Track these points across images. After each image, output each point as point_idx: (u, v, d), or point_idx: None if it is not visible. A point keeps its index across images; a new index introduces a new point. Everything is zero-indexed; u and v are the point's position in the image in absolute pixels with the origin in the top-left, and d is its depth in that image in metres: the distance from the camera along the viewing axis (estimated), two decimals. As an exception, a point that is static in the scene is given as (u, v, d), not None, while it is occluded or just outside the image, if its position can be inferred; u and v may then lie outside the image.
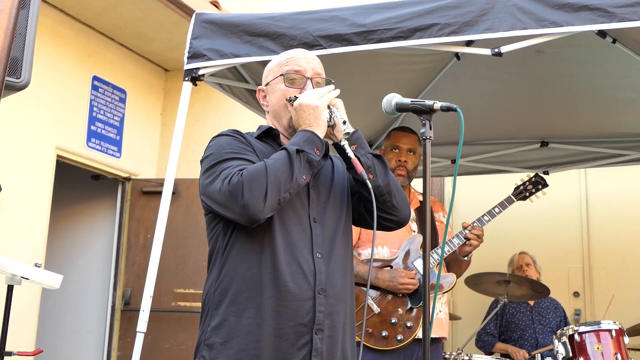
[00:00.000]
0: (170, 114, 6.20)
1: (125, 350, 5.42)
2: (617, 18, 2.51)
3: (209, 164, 1.83)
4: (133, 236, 5.69)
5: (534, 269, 4.74)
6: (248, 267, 1.77)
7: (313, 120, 1.84)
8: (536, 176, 3.68)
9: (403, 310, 3.09)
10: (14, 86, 2.04)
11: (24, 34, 2.05)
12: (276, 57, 2.04)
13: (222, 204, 1.76)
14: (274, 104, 1.96)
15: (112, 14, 5.31)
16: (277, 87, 1.94)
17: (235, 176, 1.72)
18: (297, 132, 1.85)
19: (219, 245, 1.83)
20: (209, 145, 1.89)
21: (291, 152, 1.76)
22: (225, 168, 1.77)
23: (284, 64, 1.97)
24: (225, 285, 1.78)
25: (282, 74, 1.94)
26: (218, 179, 1.76)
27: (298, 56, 1.98)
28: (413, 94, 3.99)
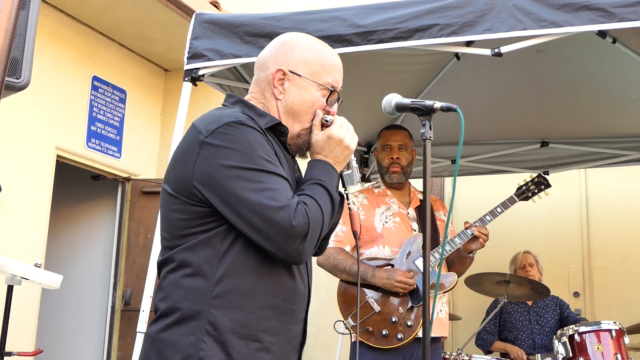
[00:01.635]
0: (170, 114, 6.20)
1: (125, 350, 5.42)
2: (617, 18, 2.51)
3: (242, 165, 1.57)
4: (133, 236, 5.69)
5: (537, 269, 4.74)
6: (257, 284, 1.60)
7: (342, 160, 1.75)
8: (539, 176, 3.68)
9: (404, 309, 3.09)
10: (14, 86, 2.04)
11: (24, 34, 2.05)
12: (313, 47, 1.79)
13: (266, 231, 1.55)
14: (297, 103, 1.74)
15: (112, 14, 5.31)
16: (309, 89, 1.75)
17: (300, 215, 1.56)
18: (327, 167, 1.72)
19: (211, 247, 1.60)
20: (227, 133, 1.59)
21: (335, 204, 1.68)
22: (273, 189, 1.57)
23: (328, 68, 1.78)
24: (226, 299, 1.57)
25: (324, 86, 1.76)
26: (273, 203, 1.55)
27: (338, 68, 1.81)
28: (413, 94, 3.99)
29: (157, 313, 1.64)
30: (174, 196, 1.64)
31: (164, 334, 1.59)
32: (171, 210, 1.65)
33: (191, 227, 1.61)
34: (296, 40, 1.80)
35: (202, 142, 1.59)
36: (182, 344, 1.55)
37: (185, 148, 1.65)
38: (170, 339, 1.57)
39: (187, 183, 1.60)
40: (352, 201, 1.87)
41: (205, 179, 1.58)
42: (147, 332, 1.67)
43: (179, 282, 1.60)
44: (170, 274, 1.63)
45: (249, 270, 1.61)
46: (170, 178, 1.68)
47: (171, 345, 1.57)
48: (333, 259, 3.15)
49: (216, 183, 1.57)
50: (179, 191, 1.63)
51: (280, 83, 1.75)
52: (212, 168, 1.58)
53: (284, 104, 1.75)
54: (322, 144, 1.74)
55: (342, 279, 3.21)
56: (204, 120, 1.67)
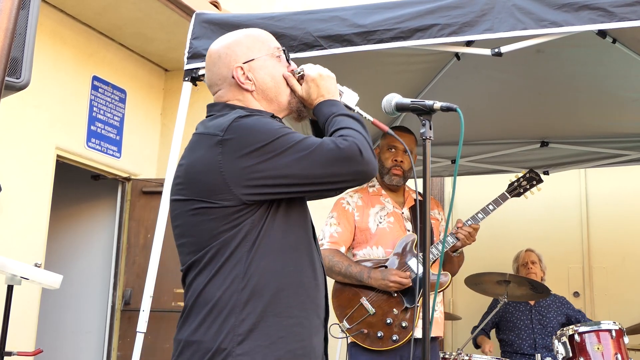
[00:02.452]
0: (170, 114, 6.20)
1: (125, 350, 5.42)
2: (617, 18, 2.50)
3: (267, 141, 1.63)
4: (133, 236, 5.69)
5: (539, 267, 4.74)
6: (284, 265, 1.69)
7: (334, 89, 1.85)
8: (530, 172, 3.64)
9: (398, 311, 3.09)
10: (14, 86, 2.04)
11: (24, 34, 2.05)
12: (241, 35, 1.90)
13: (328, 172, 1.63)
14: (268, 81, 1.83)
15: (112, 14, 5.31)
16: (268, 65, 1.84)
17: (343, 140, 1.65)
18: (331, 102, 1.82)
19: (241, 240, 1.66)
20: (240, 124, 1.67)
21: (358, 119, 1.78)
22: (301, 140, 1.65)
23: (265, 39, 1.89)
24: (258, 283, 1.65)
25: (274, 52, 1.86)
26: (317, 147, 1.64)
27: (270, 34, 1.93)
28: (413, 94, 3.99)
29: (187, 312, 1.69)
30: (198, 201, 1.68)
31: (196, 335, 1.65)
32: (195, 216, 1.70)
33: (222, 227, 1.67)
34: (222, 42, 1.90)
35: (219, 141, 1.66)
36: (218, 335, 1.61)
37: (204, 156, 1.69)
38: (205, 335, 1.63)
39: (217, 183, 1.65)
40: (365, 114, 1.91)
41: (242, 175, 1.64)
42: (176, 338, 1.71)
43: (212, 281, 1.66)
44: (201, 274, 1.69)
45: (277, 254, 1.68)
46: (188, 188, 1.72)
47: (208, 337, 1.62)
48: (328, 261, 3.14)
49: (257, 175, 1.64)
50: (206, 196, 1.67)
51: (245, 77, 1.82)
52: (244, 162, 1.63)
53: (258, 90, 1.83)
54: (311, 90, 1.83)
55: (338, 281, 3.21)
56: (212, 126, 1.72)
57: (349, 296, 3.16)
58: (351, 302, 3.15)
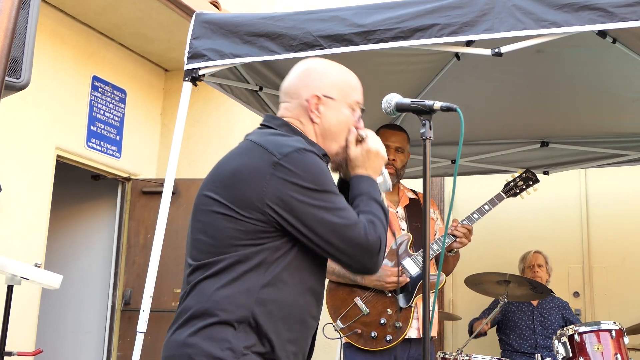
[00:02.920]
0: (170, 114, 6.20)
1: (125, 350, 5.42)
2: (617, 18, 2.51)
3: (316, 188, 1.69)
4: (133, 236, 5.69)
5: (545, 270, 4.73)
6: (296, 298, 1.72)
7: (379, 170, 1.90)
8: (527, 172, 3.62)
9: (392, 311, 3.08)
10: (14, 86, 2.04)
11: (24, 34, 2.05)
12: (338, 70, 1.94)
13: (347, 250, 1.70)
14: (332, 124, 1.87)
15: (112, 14, 5.31)
16: (342, 110, 1.88)
17: (373, 231, 1.72)
18: (371, 181, 1.86)
19: (260, 261, 1.68)
20: (300, 158, 1.69)
21: (387, 215, 1.82)
22: (344, 208, 1.72)
23: (354, 88, 1.93)
24: (266, 308, 1.67)
25: (353, 104, 1.90)
26: (347, 222, 1.70)
27: (360, 87, 1.95)
28: (413, 94, 3.99)
29: (189, 314, 1.69)
30: (230, 208, 1.70)
31: (196, 337, 1.65)
32: (222, 220, 1.71)
33: (245, 239, 1.69)
34: (322, 65, 1.95)
35: (275, 163, 1.68)
36: (220, 347, 1.62)
37: (254, 167, 1.71)
38: (205, 341, 1.64)
39: (254, 198, 1.68)
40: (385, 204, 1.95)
41: (283, 200, 1.67)
42: (174, 335, 1.70)
43: (223, 288, 1.67)
44: (213, 279, 1.69)
45: (290, 286, 1.71)
46: (226, 191, 1.73)
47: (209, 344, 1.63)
48: None
49: (294, 205, 1.67)
50: (240, 206, 1.69)
51: (316, 107, 1.86)
52: (289, 190, 1.67)
53: (321, 127, 1.87)
54: (362, 158, 1.87)
55: (332, 280, 3.20)
56: (272, 142, 1.75)
57: (342, 296, 3.15)
58: (345, 301, 3.14)
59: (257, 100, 3.89)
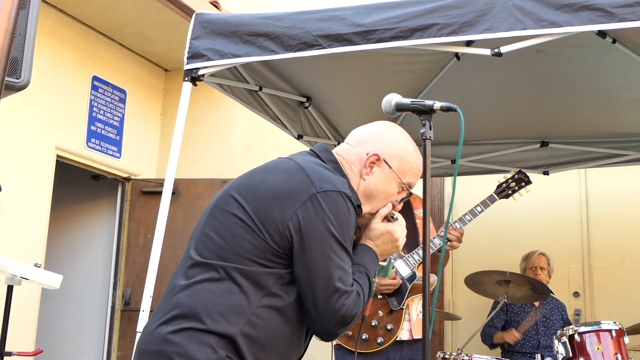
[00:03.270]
0: (170, 114, 6.20)
1: (125, 350, 5.42)
2: (617, 18, 2.50)
3: (337, 236, 1.68)
4: (133, 236, 5.69)
5: (547, 272, 4.73)
6: (285, 331, 1.72)
7: (386, 255, 1.90)
8: (519, 173, 3.61)
9: (383, 313, 3.07)
10: (14, 86, 2.04)
11: (24, 34, 2.05)
12: (409, 146, 1.92)
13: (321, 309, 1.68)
14: (377, 188, 1.87)
15: (112, 14, 5.31)
16: (392, 182, 1.88)
17: (354, 306, 1.70)
18: (375, 258, 1.86)
19: (265, 281, 1.67)
20: (337, 201, 1.69)
21: (371, 295, 1.82)
22: (347, 271, 1.71)
23: (413, 171, 1.91)
24: (258, 328, 1.66)
25: (404, 185, 1.90)
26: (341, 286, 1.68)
27: (418, 173, 1.94)
28: (413, 94, 3.99)
29: (178, 311, 1.66)
30: (252, 219, 1.69)
31: (177, 336, 1.62)
32: (240, 227, 1.69)
33: (255, 256, 1.67)
34: (400, 134, 1.94)
35: (313, 194, 1.68)
36: (202, 353, 1.60)
37: (291, 190, 1.70)
38: (187, 344, 1.61)
39: (279, 219, 1.67)
40: None
41: (302, 227, 1.66)
42: (156, 330, 1.67)
43: (220, 296, 1.65)
44: (213, 283, 1.67)
45: (285, 316, 1.70)
46: (254, 203, 1.71)
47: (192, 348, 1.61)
48: None
49: (309, 236, 1.66)
50: (263, 221, 1.68)
51: (371, 165, 1.87)
52: (313, 223, 1.67)
53: (366, 184, 1.86)
54: (380, 234, 1.87)
55: None
56: (317, 173, 1.74)
57: None
58: None
59: (256, 100, 3.89)
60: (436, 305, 4.03)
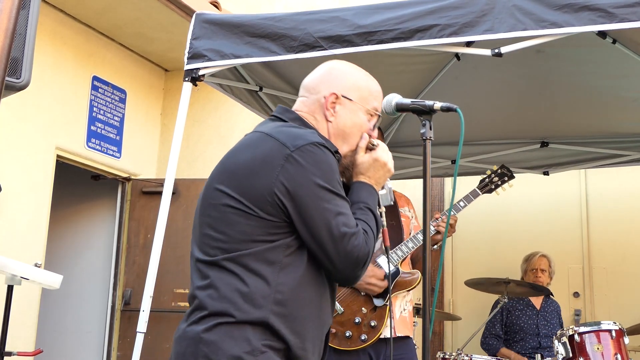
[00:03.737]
0: (170, 114, 6.20)
1: (125, 350, 5.42)
2: (618, 18, 2.51)
3: (325, 185, 1.68)
4: (133, 236, 5.69)
5: (547, 274, 4.73)
6: (311, 296, 1.71)
7: (382, 182, 1.90)
8: (502, 168, 3.60)
9: (367, 309, 3.05)
10: (14, 86, 2.04)
11: (24, 34, 2.05)
12: (363, 74, 1.93)
13: (335, 257, 1.68)
14: (347, 126, 1.86)
15: (112, 14, 5.31)
16: (358, 114, 1.87)
17: (365, 244, 1.71)
18: (372, 190, 1.86)
19: (275, 256, 1.67)
20: (313, 152, 1.69)
21: (380, 227, 1.83)
22: (346, 214, 1.70)
23: (374, 95, 1.92)
24: (285, 305, 1.66)
25: (371, 111, 1.89)
26: (346, 229, 1.68)
27: (381, 96, 1.95)
28: (413, 94, 3.99)
29: (206, 311, 1.66)
30: (242, 202, 1.68)
31: (213, 334, 1.63)
32: (233, 214, 1.69)
33: (257, 235, 1.67)
34: (346, 67, 1.94)
35: (288, 155, 1.67)
36: (240, 345, 1.61)
37: (265, 158, 1.69)
38: (222, 339, 1.62)
39: (265, 191, 1.66)
40: (384, 219, 1.94)
41: (290, 190, 1.66)
42: (186, 332, 1.68)
43: (239, 286, 1.65)
44: (228, 276, 1.67)
45: (306, 282, 1.70)
46: (237, 184, 1.70)
47: (227, 343, 1.61)
48: None
49: (299, 197, 1.66)
50: (251, 199, 1.67)
51: (333, 106, 1.86)
52: (298, 182, 1.66)
53: (334, 126, 1.86)
54: (368, 165, 1.87)
55: None
56: (284, 134, 1.73)
57: None
58: None
59: (257, 100, 3.89)
60: (436, 306, 4.03)
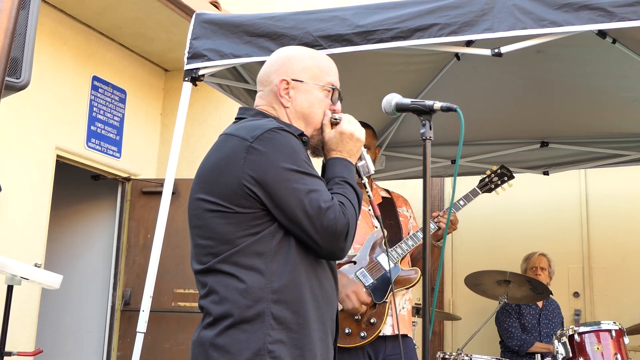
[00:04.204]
0: (170, 114, 6.20)
1: (125, 350, 5.42)
2: (617, 18, 2.51)
3: (290, 167, 1.69)
4: (133, 236, 5.69)
5: (547, 273, 4.73)
6: (308, 277, 1.73)
7: (356, 153, 1.90)
8: (502, 168, 3.60)
9: (366, 307, 3.06)
10: (14, 86, 2.04)
11: (24, 34, 2.05)
12: (309, 54, 1.95)
13: (314, 234, 1.69)
14: (304, 107, 1.87)
15: (112, 14, 5.31)
16: (313, 92, 1.89)
17: (342, 215, 1.70)
18: (346, 163, 1.86)
19: (263, 248, 1.69)
20: (272, 138, 1.70)
21: (360, 198, 1.82)
22: (318, 190, 1.70)
23: (326, 70, 1.92)
24: (284, 294, 1.68)
25: (325, 86, 1.90)
26: (319, 205, 1.68)
27: (334, 69, 1.95)
28: (413, 94, 3.99)
29: (212, 317, 1.70)
30: (218, 204, 1.71)
31: (223, 338, 1.66)
32: (214, 218, 1.72)
33: (240, 231, 1.70)
34: (292, 51, 1.98)
35: (248, 147, 1.70)
36: (248, 343, 1.64)
37: (229, 156, 1.73)
38: (232, 342, 1.65)
39: (235, 186, 1.69)
40: (369, 189, 1.95)
41: (257, 179, 1.68)
42: (200, 337, 1.71)
43: (235, 285, 1.68)
44: (224, 277, 1.70)
45: (299, 264, 1.71)
46: (210, 187, 1.74)
47: (236, 345, 1.64)
48: None
49: (267, 183, 1.68)
50: (225, 197, 1.70)
51: (286, 92, 1.88)
52: (263, 169, 1.69)
53: (292, 110, 1.88)
54: (336, 140, 1.87)
55: None
56: (244, 129, 1.77)
57: None
58: None
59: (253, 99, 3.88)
60: (436, 305, 4.03)
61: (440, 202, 5.50)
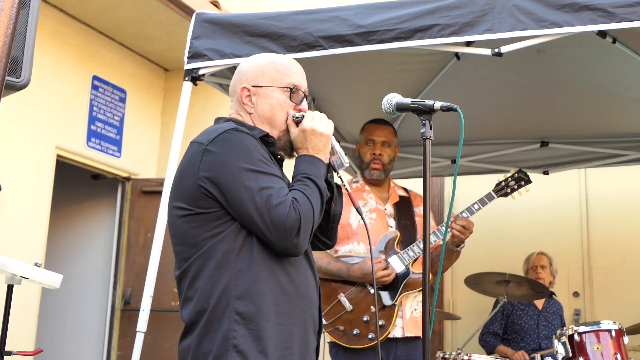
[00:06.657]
0: (170, 114, 6.20)
1: (125, 350, 5.42)
2: (618, 18, 2.51)
3: (242, 165, 1.72)
4: (133, 236, 5.69)
5: (549, 271, 4.72)
6: (272, 273, 1.75)
7: (323, 148, 1.89)
8: (519, 172, 3.52)
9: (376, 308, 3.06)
10: (14, 86, 2.04)
11: (24, 33, 2.05)
12: (267, 59, 1.99)
13: (265, 229, 1.71)
14: (266, 111, 1.90)
15: (112, 14, 5.31)
16: (273, 95, 1.91)
17: (293, 211, 1.71)
18: (311, 159, 1.87)
19: (226, 247, 1.73)
20: (226, 139, 1.75)
21: (323, 192, 1.83)
22: (270, 187, 1.72)
23: (284, 71, 1.94)
24: (247, 290, 1.71)
25: (285, 87, 1.91)
26: (270, 201, 1.70)
27: (295, 70, 1.97)
28: (413, 94, 3.99)
29: (185, 324, 1.78)
30: (183, 208, 1.77)
31: (196, 343, 1.74)
32: (183, 223, 1.78)
33: (204, 233, 1.75)
34: (252, 59, 2.02)
35: (204, 150, 1.76)
36: (216, 340, 1.69)
37: (188, 161, 1.80)
38: (203, 345, 1.72)
39: (194, 188, 1.75)
40: (345, 182, 1.97)
41: (211, 178, 1.73)
42: (179, 347, 1.80)
43: (201, 286, 1.74)
44: (192, 280, 1.77)
45: (264, 261, 1.75)
46: (177, 194, 1.82)
47: (208, 344, 1.71)
48: None
49: (221, 182, 1.73)
50: (188, 200, 1.76)
51: (248, 99, 1.93)
52: (216, 169, 1.73)
53: (255, 115, 1.92)
54: (299, 138, 1.89)
55: None
56: (203, 134, 1.83)
57: (327, 292, 3.11)
58: (329, 298, 3.10)
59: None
60: (436, 305, 4.02)
61: (440, 201, 5.50)
